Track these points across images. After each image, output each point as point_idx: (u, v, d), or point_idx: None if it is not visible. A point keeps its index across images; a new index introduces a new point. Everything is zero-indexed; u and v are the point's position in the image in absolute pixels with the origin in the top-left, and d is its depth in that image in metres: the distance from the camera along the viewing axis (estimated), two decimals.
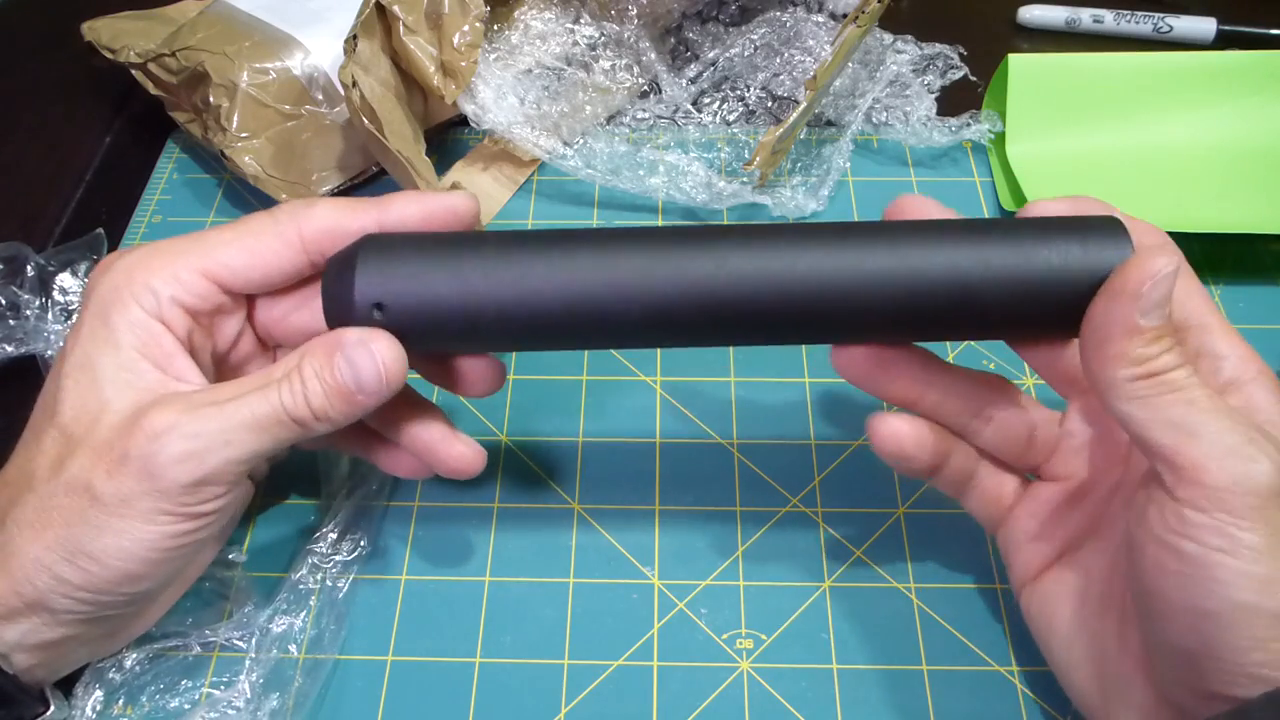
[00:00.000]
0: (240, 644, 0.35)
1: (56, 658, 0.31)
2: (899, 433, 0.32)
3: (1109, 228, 0.30)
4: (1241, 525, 0.25)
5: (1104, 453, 0.32)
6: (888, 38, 0.53)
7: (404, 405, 0.34)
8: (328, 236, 0.31)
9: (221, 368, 0.34)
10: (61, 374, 0.30)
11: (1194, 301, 0.30)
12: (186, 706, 0.34)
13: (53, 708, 0.31)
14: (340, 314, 0.30)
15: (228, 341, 0.33)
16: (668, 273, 0.29)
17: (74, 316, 0.42)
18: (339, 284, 0.30)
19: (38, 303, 0.42)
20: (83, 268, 0.43)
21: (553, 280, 0.29)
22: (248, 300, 0.33)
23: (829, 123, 0.52)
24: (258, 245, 0.31)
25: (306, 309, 0.33)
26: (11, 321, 0.42)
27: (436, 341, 0.31)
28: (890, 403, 0.33)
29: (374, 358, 0.29)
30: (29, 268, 0.42)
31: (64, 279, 0.43)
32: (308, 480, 0.40)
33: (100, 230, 0.45)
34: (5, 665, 0.29)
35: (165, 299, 0.30)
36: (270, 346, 0.35)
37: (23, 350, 0.42)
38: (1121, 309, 0.27)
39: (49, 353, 0.42)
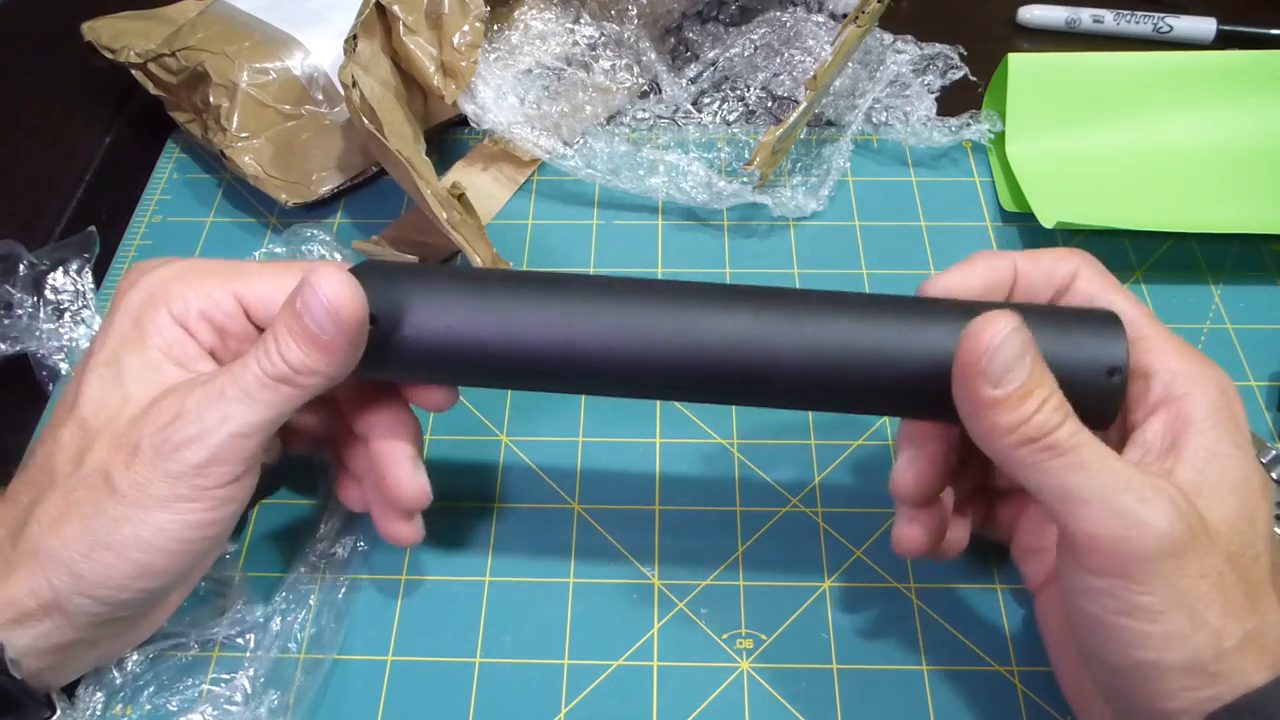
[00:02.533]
0: (239, 641, 0.35)
1: (65, 662, 0.31)
2: (916, 541, 0.32)
3: (1103, 323, 0.29)
4: (1135, 589, 0.26)
5: None
6: (888, 38, 0.53)
7: (387, 410, 0.34)
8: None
9: None
10: (87, 370, 0.31)
11: (1123, 317, 0.30)
12: (187, 705, 0.34)
13: (58, 711, 0.32)
14: None
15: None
16: (670, 334, 0.30)
17: (66, 314, 0.42)
18: None
19: (30, 301, 0.42)
20: (74, 266, 0.43)
21: (553, 328, 0.30)
22: None
23: (829, 123, 0.52)
24: (290, 285, 0.30)
25: None
26: (5, 320, 0.42)
27: (424, 374, 0.32)
28: None
29: (317, 292, 0.29)
30: (21, 266, 0.42)
31: (56, 277, 0.43)
32: (307, 480, 0.40)
33: (93, 228, 0.45)
34: (15, 670, 0.29)
35: (194, 311, 0.31)
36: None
37: (16, 349, 0.42)
38: (971, 389, 0.27)
39: (40, 351, 0.41)
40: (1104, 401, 0.29)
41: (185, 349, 0.31)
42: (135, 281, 0.32)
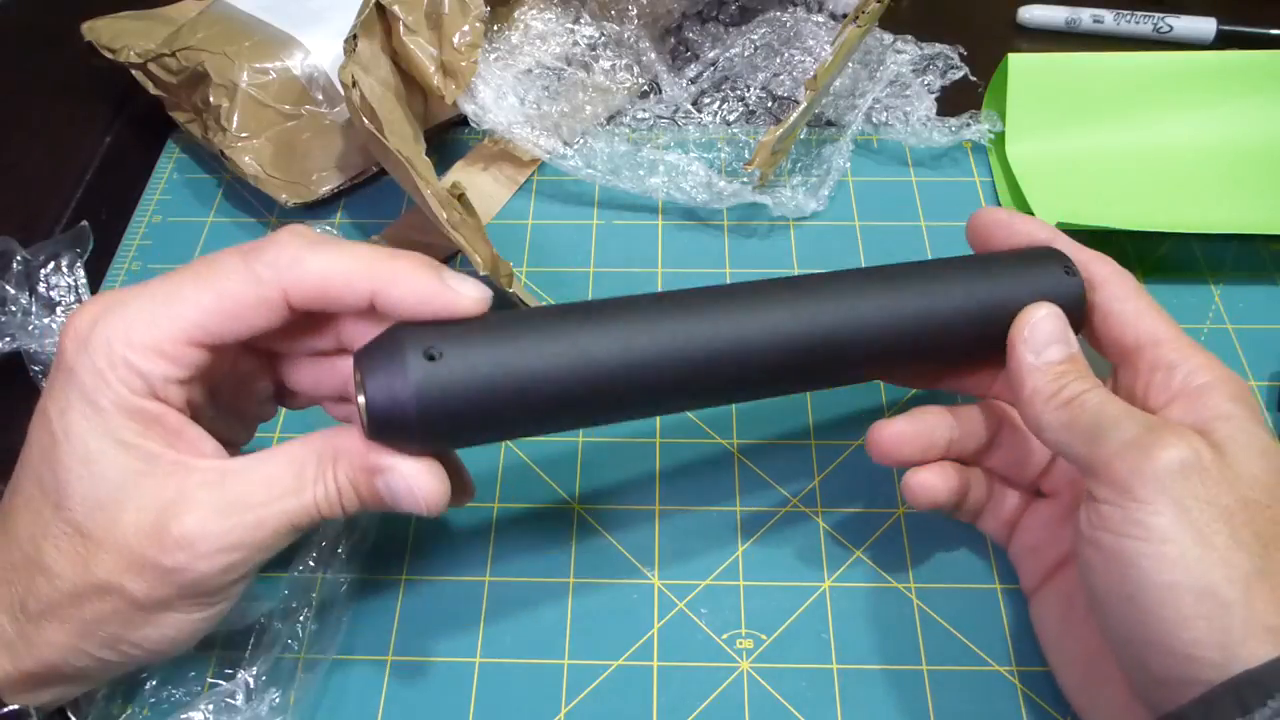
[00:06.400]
0: (240, 638, 0.35)
1: (79, 693, 0.32)
2: (932, 487, 0.34)
3: (1059, 263, 0.33)
4: (1148, 509, 0.27)
5: None
6: (888, 38, 0.53)
7: None
8: (315, 302, 0.28)
9: (220, 390, 0.32)
10: (60, 463, 0.27)
11: (1146, 322, 0.32)
12: (189, 699, 0.34)
13: None
14: (383, 414, 0.27)
15: (220, 374, 0.31)
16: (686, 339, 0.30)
17: (58, 310, 0.42)
18: (380, 383, 0.27)
19: (24, 298, 0.42)
20: (66, 261, 0.43)
21: (626, 352, 0.29)
22: None
23: (829, 123, 0.52)
24: (237, 308, 0.28)
25: (310, 340, 0.31)
26: (1, 318, 0.42)
27: (473, 439, 0.30)
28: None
29: (414, 495, 0.28)
30: (15, 263, 0.42)
31: (49, 274, 0.43)
32: None
33: (85, 223, 0.45)
34: (37, 717, 0.29)
35: (157, 380, 0.28)
36: (264, 356, 0.33)
37: (11, 346, 0.41)
38: (1018, 355, 0.32)
39: (34, 348, 0.41)
40: (1075, 299, 0.33)
41: (164, 424, 0.28)
42: (80, 352, 0.27)
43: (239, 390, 0.33)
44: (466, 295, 0.28)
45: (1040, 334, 0.31)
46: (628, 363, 0.29)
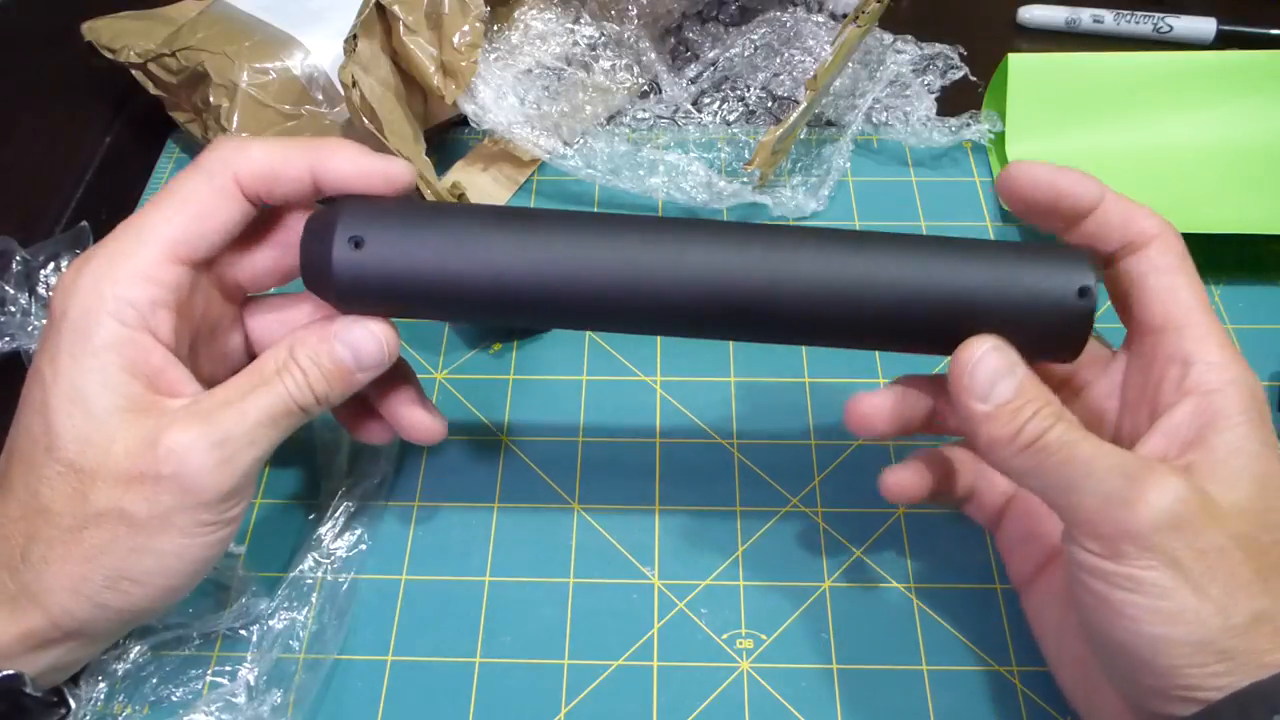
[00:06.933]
0: (242, 634, 0.35)
1: (77, 665, 0.32)
2: (908, 485, 0.34)
3: (1074, 253, 0.30)
4: (1138, 565, 0.26)
5: None
6: (888, 38, 0.53)
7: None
8: (264, 182, 0.31)
9: (196, 339, 0.33)
10: (50, 406, 0.29)
11: (1178, 300, 0.29)
12: (190, 698, 0.34)
13: (73, 706, 0.32)
14: (318, 279, 0.31)
15: (199, 312, 0.32)
16: (642, 264, 0.30)
17: None
18: (318, 250, 0.30)
19: (23, 299, 0.42)
20: (66, 262, 0.43)
21: (525, 259, 0.30)
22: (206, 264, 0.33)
23: (829, 123, 0.52)
24: (201, 208, 0.30)
25: (269, 252, 0.33)
26: (1, 318, 0.42)
27: (412, 312, 0.32)
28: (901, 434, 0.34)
29: (375, 337, 0.31)
30: (14, 263, 0.42)
31: (49, 274, 0.43)
32: (307, 479, 0.40)
33: (85, 224, 0.45)
34: (34, 689, 0.29)
35: (145, 306, 0.29)
36: (236, 300, 0.34)
37: (11, 346, 0.41)
38: (963, 405, 0.29)
39: (34, 347, 0.41)
40: (1075, 323, 0.29)
41: (150, 361, 0.29)
42: (70, 297, 0.29)
43: (213, 345, 0.34)
44: (397, 164, 0.31)
45: (981, 378, 0.28)
46: (537, 267, 0.30)
